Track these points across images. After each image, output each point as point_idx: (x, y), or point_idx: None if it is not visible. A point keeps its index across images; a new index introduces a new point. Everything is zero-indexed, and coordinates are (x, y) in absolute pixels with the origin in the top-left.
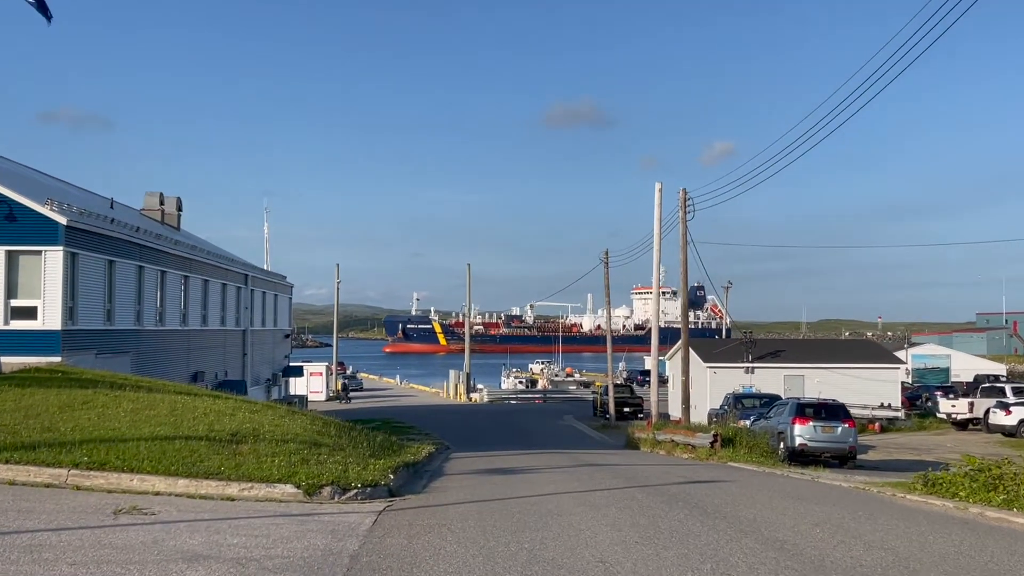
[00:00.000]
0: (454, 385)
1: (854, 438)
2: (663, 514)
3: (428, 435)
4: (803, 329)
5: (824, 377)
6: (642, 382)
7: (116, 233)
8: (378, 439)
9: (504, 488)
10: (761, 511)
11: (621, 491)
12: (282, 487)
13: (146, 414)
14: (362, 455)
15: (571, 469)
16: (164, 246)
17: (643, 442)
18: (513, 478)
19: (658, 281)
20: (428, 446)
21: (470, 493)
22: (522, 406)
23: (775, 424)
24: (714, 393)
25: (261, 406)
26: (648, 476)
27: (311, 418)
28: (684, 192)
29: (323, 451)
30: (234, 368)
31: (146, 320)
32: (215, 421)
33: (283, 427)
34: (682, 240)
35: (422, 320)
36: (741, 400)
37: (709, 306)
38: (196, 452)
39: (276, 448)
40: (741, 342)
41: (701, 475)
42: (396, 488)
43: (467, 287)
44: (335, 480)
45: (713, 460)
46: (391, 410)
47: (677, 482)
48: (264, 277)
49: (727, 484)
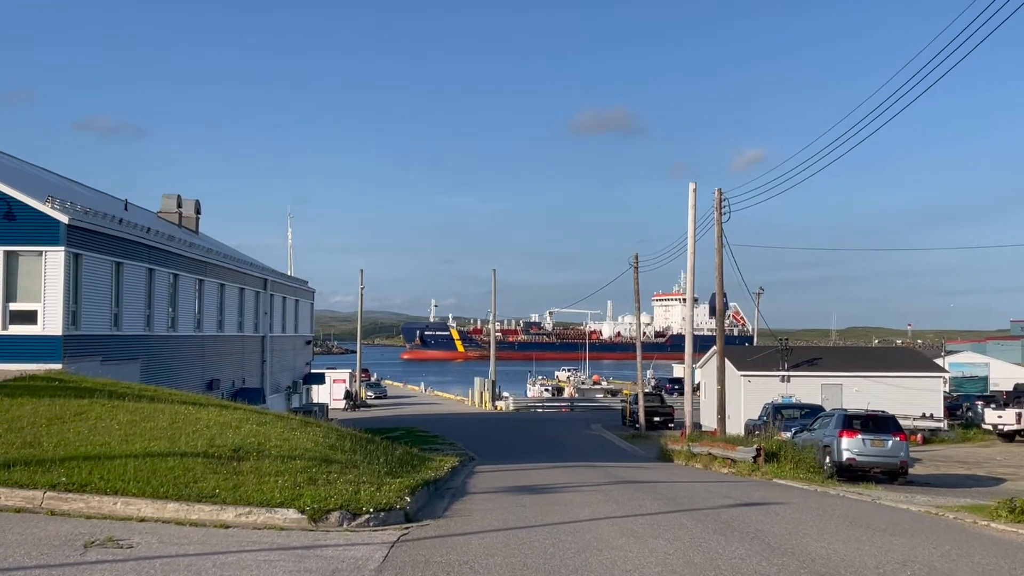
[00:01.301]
0: (479, 393)
1: (906, 452)
2: (720, 549)
3: (452, 445)
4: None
5: (863, 386)
6: (670, 390)
7: (124, 233)
8: (397, 452)
9: (534, 512)
10: (832, 544)
11: (666, 517)
12: (284, 512)
13: (143, 427)
14: (377, 472)
15: (606, 488)
16: (177, 248)
17: (677, 454)
18: (543, 498)
19: (692, 285)
20: (451, 459)
21: (496, 518)
22: (549, 415)
23: (820, 437)
24: (748, 403)
25: (272, 417)
26: (692, 497)
27: (325, 430)
28: (720, 192)
29: (334, 469)
30: (252, 376)
31: (157, 325)
32: (217, 435)
33: (292, 441)
34: (717, 242)
35: (440, 327)
36: (781, 411)
37: (731, 313)
38: (191, 471)
39: (281, 466)
40: (776, 350)
41: (750, 495)
42: (413, 512)
43: (492, 293)
44: (344, 504)
45: (756, 476)
46: (415, 418)
47: (726, 504)
48: (285, 282)
49: (782, 507)
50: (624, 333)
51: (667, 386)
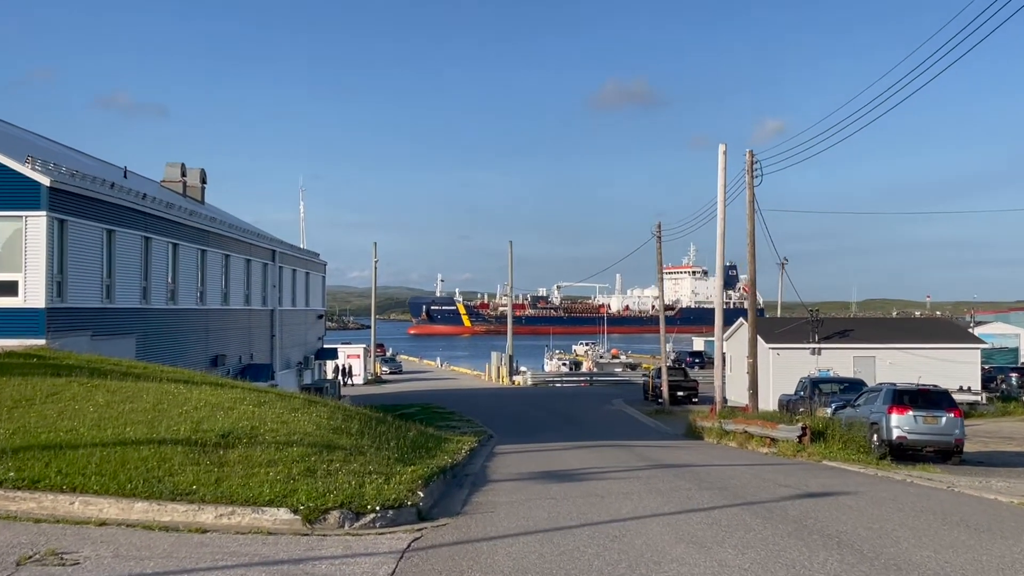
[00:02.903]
0: (496, 368)
1: (961, 430)
2: (805, 562)
3: (470, 422)
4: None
5: (896, 358)
6: (691, 364)
7: (116, 199)
8: (410, 434)
9: (567, 507)
10: (942, 554)
11: (724, 513)
12: (273, 512)
13: (121, 409)
14: (387, 459)
15: (642, 473)
16: (177, 216)
17: (708, 432)
18: (575, 488)
19: (723, 252)
20: (469, 439)
21: (524, 516)
22: (568, 389)
23: (866, 414)
24: (777, 377)
25: (273, 396)
26: (744, 485)
27: (332, 410)
28: (751, 155)
29: (337, 456)
30: (261, 351)
31: (155, 298)
32: (206, 417)
33: (291, 424)
34: (749, 208)
35: (447, 302)
36: (818, 385)
37: (742, 286)
38: (168, 462)
39: (275, 454)
40: (806, 321)
41: (808, 483)
42: (427, 509)
43: (509, 266)
44: (346, 501)
45: (802, 457)
46: (431, 394)
47: (787, 495)
48: (294, 254)
49: (852, 499)
50: (632, 307)
51: (687, 359)
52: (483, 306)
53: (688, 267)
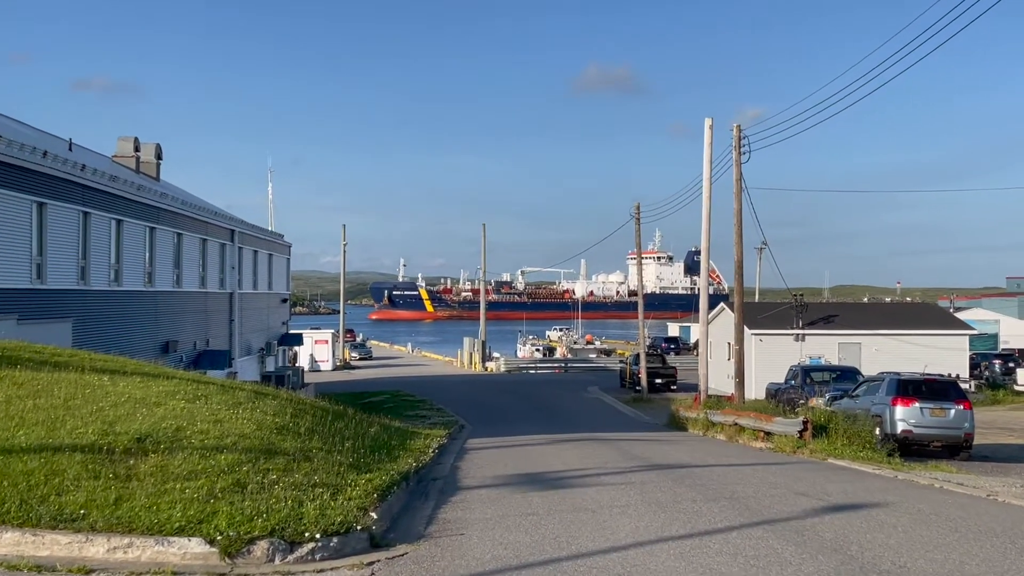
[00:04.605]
0: (468, 353)
1: (970, 423)
2: None
3: (440, 411)
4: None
5: (882, 345)
6: (666, 350)
7: (48, 168)
8: (371, 430)
9: (554, 526)
10: None
11: (742, 535)
12: (183, 543)
13: (21, 407)
14: (339, 466)
15: (635, 477)
16: (121, 190)
17: (692, 423)
18: (559, 498)
19: (708, 233)
20: (439, 431)
21: (502, 542)
22: (542, 376)
23: (867, 405)
24: (760, 364)
25: (213, 388)
26: (755, 494)
27: (281, 404)
28: (739, 129)
29: (276, 464)
30: (219, 337)
31: (95, 279)
32: (124, 416)
33: (227, 423)
34: (736, 186)
35: (409, 287)
36: (810, 373)
37: None
38: (59, 476)
39: (199, 463)
40: (790, 306)
41: (826, 489)
42: (381, 532)
43: (482, 249)
44: (278, 526)
45: (804, 454)
46: (402, 381)
47: (812, 510)
48: (256, 234)
49: (887, 512)
50: (597, 292)
51: (663, 345)
52: (446, 291)
53: (653, 252)
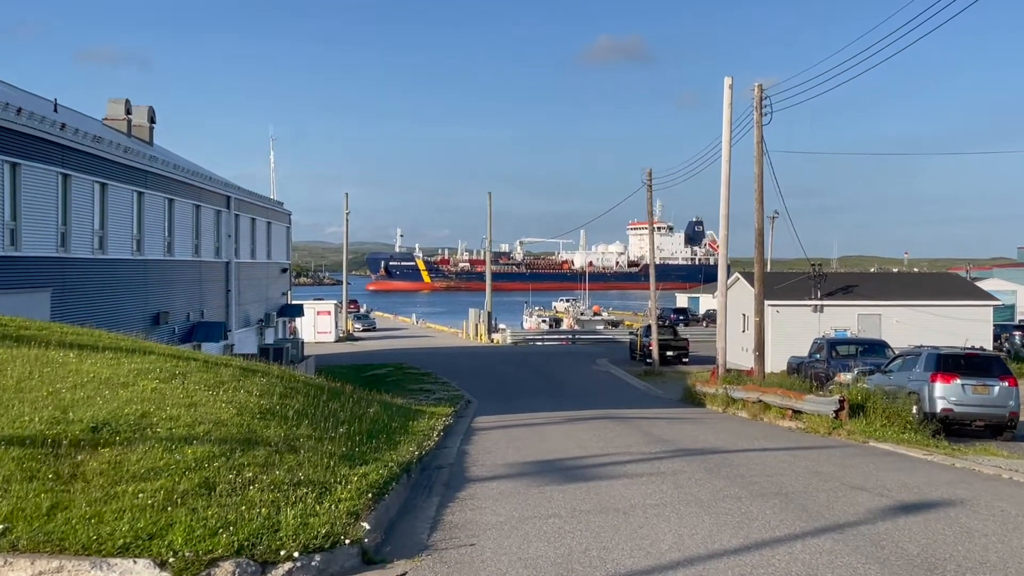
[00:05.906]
0: (474, 325)
1: (1016, 401)
2: None
3: (446, 385)
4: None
5: (903, 316)
6: (675, 321)
7: (21, 126)
8: (371, 411)
9: (581, 533)
10: None
11: (808, 547)
12: (125, 566)
13: None
14: (328, 458)
15: (663, 465)
16: (105, 151)
17: (710, 399)
18: (583, 494)
19: (728, 197)
20: (445, 408)
21: (521, 556)
22: (549, 348)
23: (902, 381)
24: (777, 336)
25: (195, 366)
26: (805, 489)
27: (271, 382)
28: (760, 89)
29: (255, 457)
30: (214, 308)
31: (76, 246)
32: (83, 400)
33: (202, 407)
34: (757, 149)
35: (406, 257)
36: (835, 347)
37: (707, 242)
38: None
39: (163, 457)
40: (808, 276)
41: (884, 482)
42: (375, 545)
43: (488, 219)
44: (247, 542)
45: (840, 435)
46: (406, 353)
47: (879, 511)
48: (253, 201)
49: (967, 514)
50: (596, 263)
51: (671, 316)
52: (443, 262)
53: (655, 223)
